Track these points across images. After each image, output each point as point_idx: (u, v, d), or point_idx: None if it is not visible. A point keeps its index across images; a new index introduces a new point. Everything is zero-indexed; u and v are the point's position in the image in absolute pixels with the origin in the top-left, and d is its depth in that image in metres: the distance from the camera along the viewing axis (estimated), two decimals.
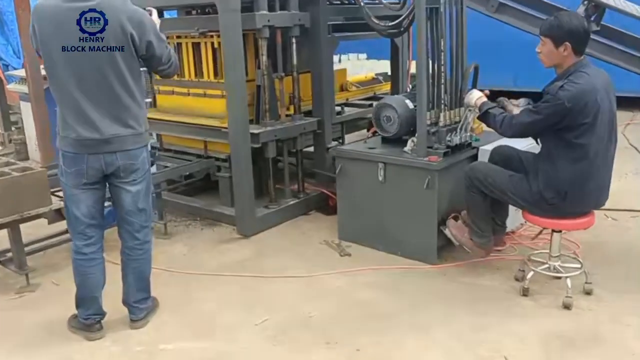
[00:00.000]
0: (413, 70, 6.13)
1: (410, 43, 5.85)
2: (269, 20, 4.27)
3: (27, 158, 6.99)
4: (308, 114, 4.99)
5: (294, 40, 4.58)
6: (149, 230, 3.15)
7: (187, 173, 4.81)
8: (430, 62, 3.71)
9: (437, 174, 3.65)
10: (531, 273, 3.38)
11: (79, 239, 3.00)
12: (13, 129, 7.48)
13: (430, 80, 3.72)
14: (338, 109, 5.26)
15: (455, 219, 3.84)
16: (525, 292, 3.37)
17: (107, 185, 3.02)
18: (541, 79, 3.23)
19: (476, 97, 3.51)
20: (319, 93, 4.89)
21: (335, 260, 4.01)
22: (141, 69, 2.95)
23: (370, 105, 5.53)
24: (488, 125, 3.47)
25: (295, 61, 4.64)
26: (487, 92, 3.63)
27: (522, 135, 3.32)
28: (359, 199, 4.12)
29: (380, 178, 3.92)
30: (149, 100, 5.17)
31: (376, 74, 7.02)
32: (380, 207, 4.00)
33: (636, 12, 3.90)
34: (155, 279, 3.56)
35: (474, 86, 4.01)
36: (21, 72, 6.63)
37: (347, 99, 5.69)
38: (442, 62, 3.68)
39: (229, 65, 4.17)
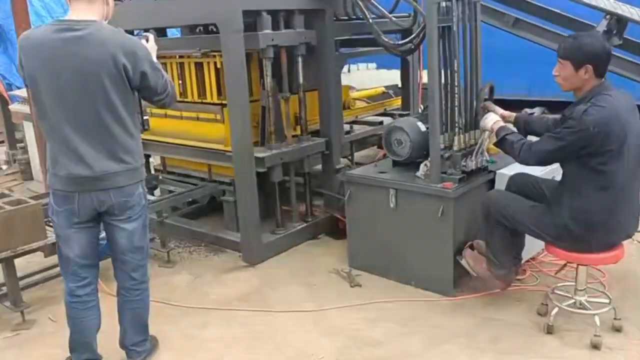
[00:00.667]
0: (425, 80, 5.92)
1: (421, 52, 5.65)
2: (273, 40, 4.08)
3: (31, 178, 6.88)
4: (316, 133, 4.80)
5: (299, 59, 4.40)
6: (146, 269, 2.97)
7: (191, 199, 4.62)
8: (443, 83, 3.50)
9: (452, 201, 3.44)
10: (556, 309, 3.15)
11: (72, 280, 2.82)
12: (18, 147, 7.36)
13: (444, 102, 3.51)
14: (347, 127, 5.07)
15: (472, 247, 3.63)
16: (550, 330, 3.14)
17: (102, 222, 2.84)
18: (555, 88, 3.03)
19: (492, 121, 3.30)
20: (327, 113, 4.70)
21: (345, 292, 3.80)
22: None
23: (381, 122, 5.33)
24: (505, 152, 3.24)
25: (301, 80, 4.45)
26: (504, 113, 3.42)
27: (542, 163, 3.11)
28: (370, 226, 3.91)
29: (392, 204, 3.72)
30: (147, 117, 5.04)
31: (386, 87, 6.83)
32: (391, 235, 3.79)
33: None
34: (156, 313, 3.40)
35: (489, 105, 3.79)
36: (23, 92, 6.50)
37: (356, 116, 5.49)
38: (456, 83, 3.47)
39: (232, 87, 3.99)
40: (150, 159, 5.41)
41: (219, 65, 4.35)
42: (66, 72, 2.54)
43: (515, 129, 3.24)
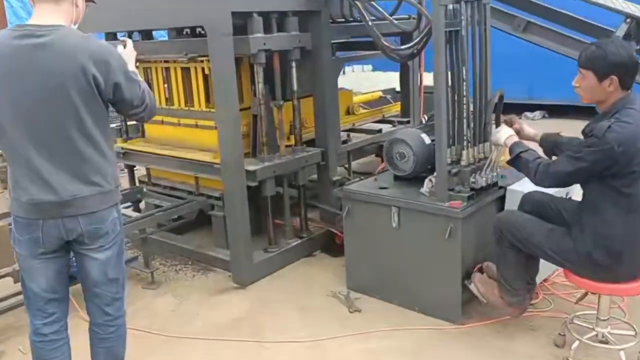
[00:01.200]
0: (426, 82, 5.63)
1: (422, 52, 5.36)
2: (265, 44, 3.77)
3: None
4: (311, 142, 4.50)
5: (293, 63, 4.09)
6: (122, 302, 2.65)
7: (173, 217, 4.29)
8: (450, 92, 3.21)
9: (460, 222, 3.15)
10: (576, 343, 2.86)
11: (37, 317, 2.50)
12: None
13: (450, 113, 3.22)
14: (344, 135, 4.77)
15: (481, 270, 3.34)
16: None
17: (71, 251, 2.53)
18: (557, 90, 2.76)
19: (505, 135, 3.00)
20: (323, 121, 4.40)
21: (343, 318, 3.50)
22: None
23: (380, 130, 5.03)
24: (519, 170, 2.94)
25: (295, 86, 4.15)
26: (517, 125, 3.13)
27: (560, 185, 2.81)
28: (369, 245, 3.62)
29: (394, 224, 3.42)
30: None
31: (383, 91, 6.53)
32: (394, 256, 3.49)
33: None
34: (134, 343, 3.08)
35: (498, 115, 3.51)
36: None
37: (353, 124, 5.18)
38: (465, 93, 3.18)
39: (220, 95, 3.69)
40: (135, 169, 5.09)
41: (207, 71, 4.05)
42: (28, 85, 2.22)
43: (528, 146, 2.92)
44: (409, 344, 3.18)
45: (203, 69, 4.08)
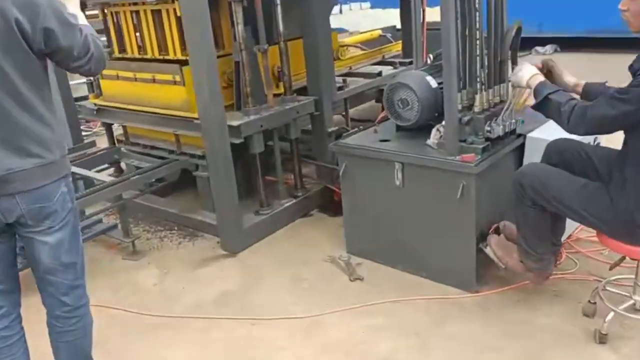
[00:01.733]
0: (429, 19, 5.08)
1: None
2: None
3: None
4: (302, 90, 4.04)
5: (278, 1, 3.58)
6: (83, 288, 2.27)
7: (152, 180, 3.86)
8: (460, 24, 2.71)
9: (474, 178, 2.72)
10: (611, 314, 2.48)
11: None
12: None
13: (461, 51, 2.74)
14: (339, 80, 4.29)
15: (497, 231, 2.94)
16: (602, 339, 2.49)
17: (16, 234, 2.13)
18: (569, 23, 2.28)
19: (528, 74, 2.50)
20: (315, 66, 3.91)
21: (343, 287, 3.14)
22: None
23: (379, 73, 4.54)
24: (547, 116, 2.47)
25: (281, 28, 3.65)
26: (557, 70, 2.64)
27: (600, 132, 2.38)
28: (370, 206, 3.21)
29: (398, 182, 3.00)
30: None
31: (383, 30, 5.98)
32: (398, 218, 3.09)
33: None
34: (111, 324, 2.77)
35: (515, 52, 3.02)
36: None
37: (350, 67, 4.68)
38: (477, 25, 2.69)
39: (193, 39, 3.20)
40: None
41: (179, 13, 3.54)
42: None
43: (557, 87, 2.45)
44: (417, 317, 2.81)
45: (175, 10, 3.57)
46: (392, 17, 5.89)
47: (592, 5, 7.39)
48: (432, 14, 5.32)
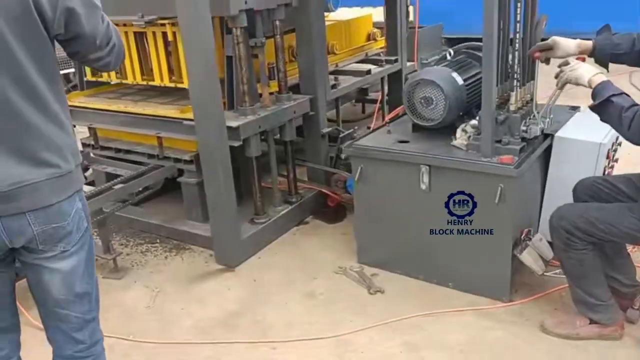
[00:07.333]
0: (412, 18, 4.92)
1: None
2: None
3: None
4: (291, 89, 3.73)
5: None
6: (97, 323, 1.90)
7: (139, 189, 3.45)
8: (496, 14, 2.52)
9: (514, 181, 2.54)
10: None
11: None
12: None
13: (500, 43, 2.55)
14: (331, 78, 4.03)
15: (527, 235, 2.77)
16: None
17: (18, 261, 1.74)
18: (597, 20, 2.19)
19: (589, 72, 2.26)
20: (310, 61, 3.64)
21: (364, 302, 2.88)
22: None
23: (369, 72, 4.31)
24: (603, 119, 2.24)
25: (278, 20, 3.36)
26: (583, 56, 2.47)
27: None
28: (390, 213, 2.97)
29: (424, 186, 2.78)
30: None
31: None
32: (423, 225, 2.86)
33: None
34: (114, 357, 2.39)
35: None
36: None
37: (336, 65, 4.42)
38: (518, 18, 2.51)
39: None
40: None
41: (170, 37, 3.20)
42: None
43: (621, 89, 2.24)
44: (454, 332, 2.60)
45: (164, 34, 3.22)
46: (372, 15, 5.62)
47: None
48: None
